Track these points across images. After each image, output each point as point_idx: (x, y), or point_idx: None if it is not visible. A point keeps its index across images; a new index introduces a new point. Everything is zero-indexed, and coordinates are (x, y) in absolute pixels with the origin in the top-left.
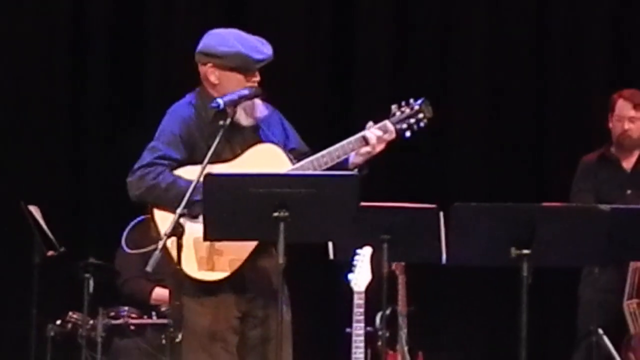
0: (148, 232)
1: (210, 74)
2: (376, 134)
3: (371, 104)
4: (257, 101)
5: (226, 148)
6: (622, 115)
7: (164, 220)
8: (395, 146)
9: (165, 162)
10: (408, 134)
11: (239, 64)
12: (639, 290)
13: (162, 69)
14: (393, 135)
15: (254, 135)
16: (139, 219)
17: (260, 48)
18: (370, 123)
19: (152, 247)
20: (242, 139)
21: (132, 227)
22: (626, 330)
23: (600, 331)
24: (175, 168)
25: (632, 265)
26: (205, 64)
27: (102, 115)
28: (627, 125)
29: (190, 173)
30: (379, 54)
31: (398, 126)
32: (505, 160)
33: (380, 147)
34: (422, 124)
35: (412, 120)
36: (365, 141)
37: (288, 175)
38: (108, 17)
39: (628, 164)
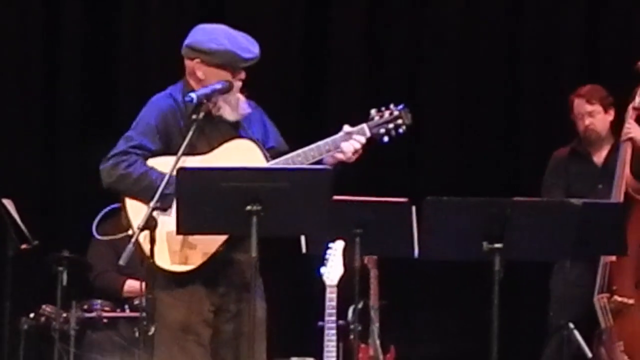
0: (119, 221)
1: (198, 69)
2: (353, 147)
3: (345, 104)
4: (242, 97)
5: (202, 141)
6: (580, 112)
7: (134, 209)
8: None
9: (139, 151)
10: (386, 139)
11: (227, 62)
12: (609, 285)
13: (134, 65)
14: (363, 141)
15: (232, 130)
16: (111, 206)
17: (249, 47)
18: (347, 126)
19: (122, 234)
20: (219, 133)
21: (103, 215)
22: (597, 324)
23: (571, 325)
24: (149, 158)
25: (603, 259)
26: (192, 59)
27: (75, 110)
28: (587, 121)
29: (163, 164)
30: (353, 53)
31: (375, 130)
32: (477, 155)
33: (354, 158)
34: (401, 131)
35: (391, 126)
36: (341, 150)
37: (261, 169)
38: (81, 19)
39: (599, 158)
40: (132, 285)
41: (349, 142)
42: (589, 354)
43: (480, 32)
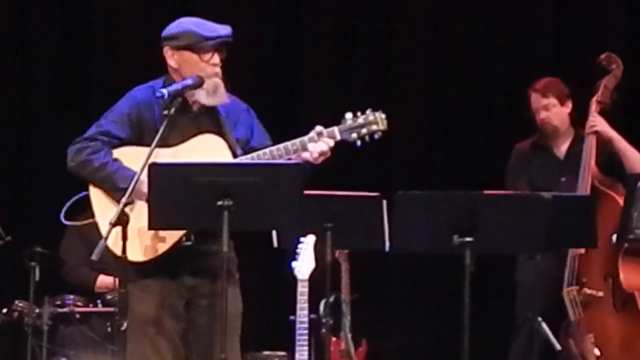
0: (88, 208)
1: (170, 57)
2: (320, 148)
3: (317, 104)
4: (220, 84)
5: (175, 134)
6: (536, 107)
7: (97, 197)
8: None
9: (106, 138)
10: (359, 143)
11: (190, 42)
12: (579, 277)
13: (107, 54)
14: (331, 145)
15: (208, 124)
16: (80, 194)
17: (213, 27)
18: (319, 127)
19: (88, 221)
20: (193, 127)
21: (72, 202)
22: (564, 316)
23: (539, 318)
24: (118, 146)
25: (572, 252)
26: (164, 48)
27: (46, 104)
28: (542, 115)
29: (131, 154)
30: (324, 51)
31: (347, 134)
32: (448, 149)
33: (321, 160)
34: (375, 136)
35: (364, 131)
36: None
37: (232, 165)
38: (54, 8)
39: (560, 150)
40: (104, 280)
41: (317, 143)
42: (558, 346)
43: (450, 26)
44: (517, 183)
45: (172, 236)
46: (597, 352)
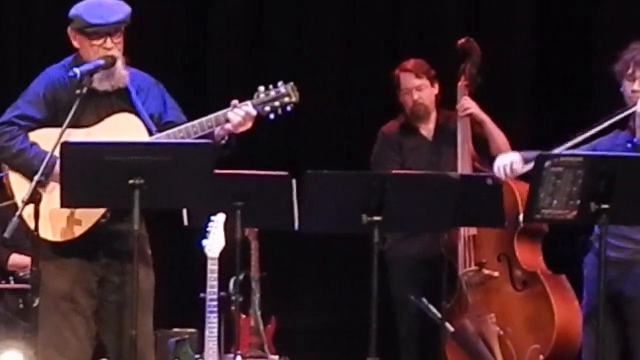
0: (3, 189)
1: (72, 38)
2: (239, 115)
3: (229, 80)
4: (118, 70)
5: (89, 114)
6: (408, 87)
7: (16, 181)
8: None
9: (23, 122)
10: (272, 116)
11: (79, 27)
12: (477, 258)
13: (22, 35)
14: (253, 114)
15: (121, 103)
16: None
17: (102, 13)
18: (235, 101)
19: (6, 203)
20: (107, 106)
21: None
22: (456, 297)
23: (412, 297)
24: (35, 128)
25: (463, 234)
26: (68, 29)
27: None
28: (416, 95)
29: (47, 136)
30: (235, 30)
31: (260, 107)
32: (357, 128)
33: (242, 129)
34: (288, 108)
35: (277, 103)
36: (227, 121)
37: (143, 144)
38: None
39: (428, 132)
40: (17, 259)
41: (235, 111)
42: (439, 315)
43: (363, 11)
44: (390, 166)
45: (89, 217)
46: (499, 331)
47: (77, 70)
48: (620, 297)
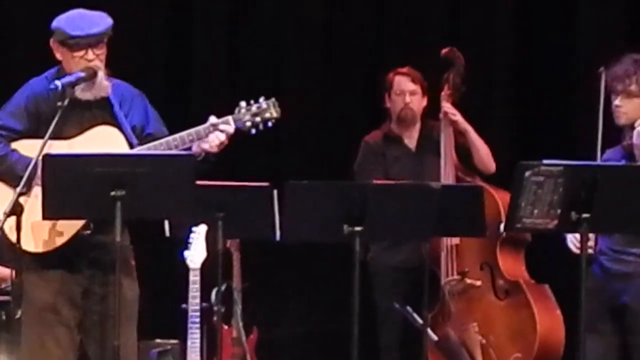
0: None
1: (55, 50)
2: (218, 139)
3: (210, 94)
4: (101, 80)
5: (71, 126)
6: (402, 89)
7: None
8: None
9: (4, 132)
10: (253, 131)
11: (61, 39)
12: (459, 268)
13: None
14: (231, 132)
15: (103, 115)
16: None
17: (82, 25)
18: (213, 117)
19: None
20: (89, 117)
21: None
22: (439, 306)
23: (396, 305)
24: (16, 139)
25: (445, 243)
26: (51, 41)
27: None
28: (408, 99)
29: (29, 147)
30: (217, 43)
31: (241, 123)
32: (339, 138)
33: (217, 149)
34: (269, 124)
35: (258, 119)
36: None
37: (125, 155)
38: None
39: (411, 142)
40: None
41: (215, 133)
42: (421, 321)
43: (344, 22)
44: (374, 175)
45: (71, 227)
46: (482, 340)
47: (58, 82)
48: (623, 309)
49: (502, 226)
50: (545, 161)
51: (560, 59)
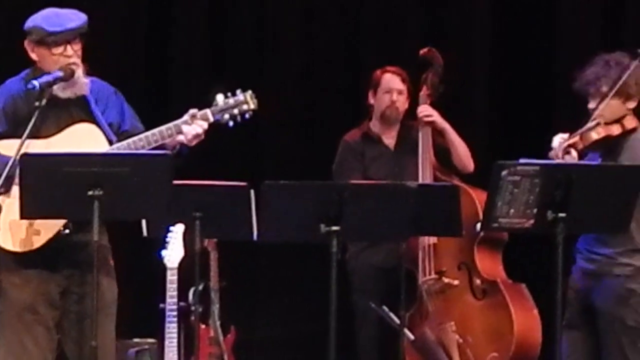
0: None
1: (30, 51)
2: (195, 131)
3: (190, 88)
4: (79, 78)
5: (49, 125)
6: (391, 87)
7: None
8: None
9: None
10: (231, 124)
11: (38, 38)
12: (437, 267)
13: None
14: (205, 126)
15: (81, 113)
16: None
17: (57, 21)
18: (192, 110)
19: None
20: (67, 116)
21: None
22: (410, 303)
23: (372, 305)
24: None
25: (423, 243)
26: (25, 42)
27: None
28: (395, 97)
29: (7, 147)
30: (196, 39)
31: (219, 116)
32: (317, 138)
33: (194, 142)
34: (247, 116)
35: (236, 111)
36: (182, 132)
37: (102, 155)
38: None
39: (390, 141)
40: None
41: (191, 126)
42: (397, 320)
43: (323, 22)
44: (352, 175)
45: (50, 227)
46: (459, 339)
47: (35, 82)
48: (593, 308)
49: (478, 225)
50: (521, 161)
51: (539, 59)
